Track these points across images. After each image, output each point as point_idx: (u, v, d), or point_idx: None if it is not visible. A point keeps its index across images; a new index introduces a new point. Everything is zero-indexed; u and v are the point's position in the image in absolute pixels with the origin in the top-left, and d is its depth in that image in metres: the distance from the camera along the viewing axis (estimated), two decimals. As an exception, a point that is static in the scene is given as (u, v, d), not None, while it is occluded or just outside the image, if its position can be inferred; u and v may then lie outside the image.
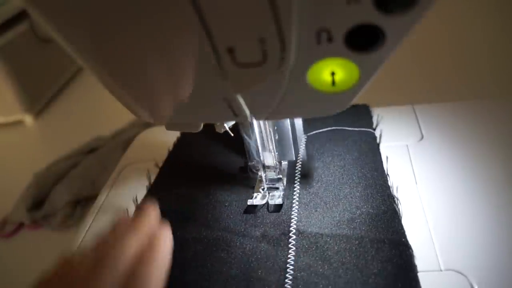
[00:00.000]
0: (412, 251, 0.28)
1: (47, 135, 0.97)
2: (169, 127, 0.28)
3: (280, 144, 0.35)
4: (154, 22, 0.16)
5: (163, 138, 0.46)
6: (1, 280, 0.53)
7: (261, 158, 0.34)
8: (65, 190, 0.63)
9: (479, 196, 0.32)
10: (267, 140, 0.33)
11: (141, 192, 0.38)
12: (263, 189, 0.35)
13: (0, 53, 0.94)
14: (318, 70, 0.19)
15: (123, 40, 0.17)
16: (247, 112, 0.22)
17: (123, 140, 0.71)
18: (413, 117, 0.43)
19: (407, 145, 0.39)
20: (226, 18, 0.16)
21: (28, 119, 1.02)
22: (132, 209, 0.36)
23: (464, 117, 0.42)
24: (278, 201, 0.33)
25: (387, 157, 0.37)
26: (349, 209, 0.32)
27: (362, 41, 0.17)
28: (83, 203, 0.63)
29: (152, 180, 0.40)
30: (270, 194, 0.34)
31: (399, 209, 0.32)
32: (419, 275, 0.26)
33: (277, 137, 0.34)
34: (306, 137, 0.41)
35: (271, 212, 0.33)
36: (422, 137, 0.40)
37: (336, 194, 0.34)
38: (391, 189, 0.34)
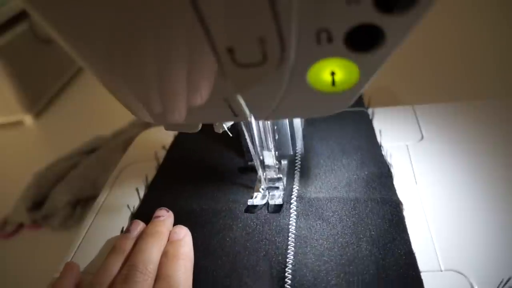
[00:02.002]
0: (402, 207, 0.31)
1: (47, 135, 0.97)
2: (168, 127, 0.28)
3: (279, 139, 0.36)
4: (152, 21, 0.16)
5: (163, 138, 0.46)
6: (1, 280, 0.53)
7: (261, 158, 0.34)
8: (65, 190, 0.63)
9: (479, 196, 0.32)
10: (267, 140, 0.33)
11: (141, 193, 0.38)
12: (263, 189, 0.35)
13: (0, 53, 0.94)
14: (318, 70, 0.19)
15: (122, 40, 0.17)
16: (247, 112, 0.22)
17: (123, 140, 0.71)
18: (413, 117, 0.43)
19: (407, 145, 0.39)
20: (225, 18, 0.16)
21: (28, 119, 1.02)
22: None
23: (464, 117, 0.42)
24: (278, 201, 0.33)
25: (380, 131, 0.41)
26: (346, 175, 0.35)
27: (362, 41, 0.17)
28: (83, 203, 0.63)
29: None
30: (270, 194, 0.34)
31: (391, 172, 0.35)
32: (419, 275, 0.26)
33: (277, 137, 0.34)
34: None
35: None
36: (422, 137, 0.40)
37: (334, 164, 0.37)
38: (384, 157, 0.37)
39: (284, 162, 0.38)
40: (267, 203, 0.34)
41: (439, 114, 0.43)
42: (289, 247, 0.29)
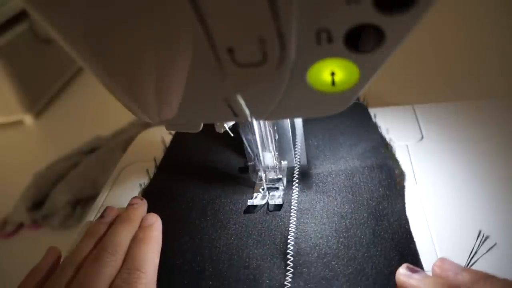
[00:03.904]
0: (403, 174, 0.33)
1: (47, 135, 0.97)
2: (169, 127, 0.28)
3: (279, 139, 0.36)
4: (153, 22, 0.16)
5: (163, 138, 0.46)
6: (1, 280, 0.53)
7: (261, 158, 0.34)
8: (65, 190, 0.63)
9: (479, 196, 0.32)
10: (267, 140, 0.33)
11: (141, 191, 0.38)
12: (263, 189, 0.35)
13: (0, 53, 0.94)
14: (318, 70, 0.19)
15: (122, 40, 0.17)
16: (247, 112, 0.22)
17: (123, 140, 0.71)
18: (413, 117, 0.43)
19: (407, 145, 0.39)
20: (225, 18, 0.16)
21: (28, 119, 1.02)
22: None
23: (464, 117, 0.42)
24: (278, 201, 0.33)
25: (375, 115, 0.42)
26: (344, 150, 0.38)
27: (362, 41, 0.17)
28: (83, 203, 0.63)
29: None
30: (270, 194, 0.34)
31: (388, 144, 0.37)
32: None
33: (277, 137, 0.34)
34: None
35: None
36: (422, 137, 0.40)
37: (332, 144, 0.39)
38: (380, 133, 0.39)
39: (284, 163, 0.38)
40: (267, 203, 0.34)
41: (439, 114, 0.43)
42: (291, 218, 0.31)
